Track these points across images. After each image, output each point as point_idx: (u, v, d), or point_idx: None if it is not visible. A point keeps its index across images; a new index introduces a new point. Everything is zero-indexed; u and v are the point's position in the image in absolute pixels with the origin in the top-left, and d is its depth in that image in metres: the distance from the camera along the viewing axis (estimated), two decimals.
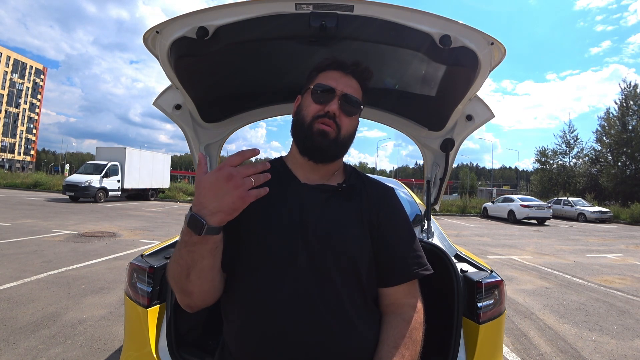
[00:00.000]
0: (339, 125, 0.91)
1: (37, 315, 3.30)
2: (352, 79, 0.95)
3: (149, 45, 1.22)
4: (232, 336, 0.88)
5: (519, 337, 3.39)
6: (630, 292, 5.22)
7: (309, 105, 0.93)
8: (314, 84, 0.94)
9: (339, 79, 0.93)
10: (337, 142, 0.92)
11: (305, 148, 0.93)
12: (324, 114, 0.90)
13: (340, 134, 0.92)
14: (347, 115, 0.92)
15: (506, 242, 10.32)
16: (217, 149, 2.12)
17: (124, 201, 18.75)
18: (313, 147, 0.92)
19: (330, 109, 0.90)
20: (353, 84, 0.95)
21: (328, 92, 0.91)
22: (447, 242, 2.13)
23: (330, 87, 0.92)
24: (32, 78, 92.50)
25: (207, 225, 0.71)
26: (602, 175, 29.79)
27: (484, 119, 1.70)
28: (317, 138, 0.90)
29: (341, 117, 0.92)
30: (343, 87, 0.92)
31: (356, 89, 0.95)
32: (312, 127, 0.91)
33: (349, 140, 0.95)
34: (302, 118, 0.94)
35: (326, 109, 0.90)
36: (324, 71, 0.95)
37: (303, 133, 0.93)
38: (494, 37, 1.10)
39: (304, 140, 0.93)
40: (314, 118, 0.91)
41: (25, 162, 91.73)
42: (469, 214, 21.79)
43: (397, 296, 0.92)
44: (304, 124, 0.93)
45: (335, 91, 0.91)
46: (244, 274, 0.87)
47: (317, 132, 0.90)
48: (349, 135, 0.95)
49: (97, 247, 6.63)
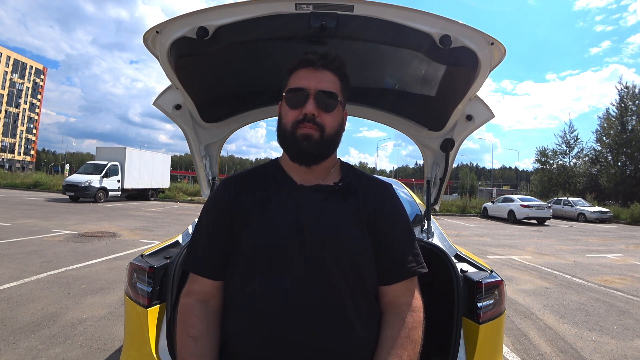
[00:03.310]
0: (321, 124, 0.89)
1: (37, 315, 3.30)
2: (325, 71, 0.91)
3: (149, 45, 1.22)
4: (232, 338, 0.87)
5: (519, 337, 3.38)
6: (630, 292, 5.22)
7: (286, 112, 0.92)
8: (286, 90, 0.92)
9: (310, 76, 0.90)
10: (324, 142, 0.90)
11: (293, 155, 0.92)
12: (303, 117, 0.88)
13: (324, 133, 0.90)
14: (327, 112, 0.90)
15: (506, 242, 10.31)
16: (217, 149, 2.12)
17: (124, 201, 18.74)
18: (300, 153, 0.90)
19: (307, 111, 0.88)
20: (327, 77, 0.91)
21: (301, 93, 0.89)
22: (447, 242, 2.13)
23: (302, 87, 0.89)
24: (32, 78, 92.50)
25: None
26: (602, 175, 29.80)
27: (484, 119, 1.70)
28: (303, 143, 0.89)
29: (322, 115, 0.89)
30: (316, 83, 0.89)
31: (331, 81, 0.92)
32: (295, 134, 0.89)
33: (336, 136, 0.94)
34: (283, 126, 0.92)
35: (303, 112, 0.88)
36: (295, 71, 0.93)
37: (287, 141, 0.92)
38: (494, 37, 1.10)
39: (289, 147, 0.92)
40: (294, 124, 0.89)
41: (25, 162, 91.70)
42: (469, 214, 21.78)
43: (396, 294, 0.91)
44: (286, 132, 0.91)
45: (307, 91, 0.88)
46: (242, 277, 0.87)
47: (300, 137, 0.89)
48: (335, 131, 0.93)
49: (97, 247, 6.63)
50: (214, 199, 0.99)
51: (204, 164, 2.09)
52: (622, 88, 30.15)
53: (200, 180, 2.22)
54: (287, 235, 0.86)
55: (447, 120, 1.72)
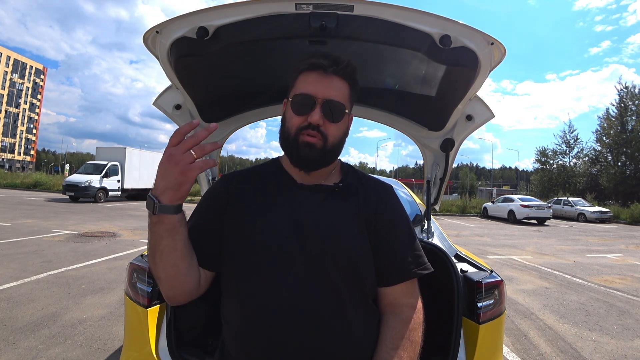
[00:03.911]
0: (325, 134, 0.87)
1: (37, 315, 3.30)
2: (334, 78, 0.88)
3: (149, 45, 1.22)
4: (232, 338, 0.87)
5: (519, 337, 3.39)
6: (630, 292, 5.22)
7: (291, 117, 0.90)
8: (293, 95, 0.89)
9: (320, 81, 0.87)
10: (325, 151, 0.89)
11: (294, 161, 0.92)
12: (307, 125, 0.86)
13: (327, 143, 0.88)
14: (332, 122, 0.88)
15: (506, 242, 10.31)
16: (217, 149, 2.12)
17: (124, 201, 18.74)
18: (301, 160, 0.89)
19: (313, 120, 0.86)
20: (336, 84, 0.88)
21: (308, 100, 0.86)
22: (447, 242, 2.13)
23: (310, 94, 0.86)
24: (32, 78, 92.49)
25: (159, 203, 0.76)
26: (602, 175, 29.80)
27: (484, 119, 1.70)
28: (304, 150, 0.87)
29: (326, 125, 0.87)
30: (324, 91, 0.86)
31: (340, 88, 0.89)
32: (298, 140, 0.88)
33: (338, 146, 0.93)
34: (286, 131, 0.91)
35: (308, 120, 0.86)
36: (304, 72, 0.90)
37: (289, 146, 0.90)
38: (494, 37, 1.10)
39: (291, 153, 0.91)
40: (298, 130, 0.88)
41: (25, 162, 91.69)
42: (469, 214, 21.77)
43: (396, 295, 0.91)
44: (289, 137, 0.90)
45: (315, 99, 0.86)
46: (241, 276, 0.86)
47: (302, 144, 0.87)
48: (338, 141, 0.92)
49: (97, 247, 6.63)
50: (212, 192, 0.99)
51: None
52: (621, 88, 30.26)
53: (200, 180, 2.22)
54: (286, 235, 0.86)
55: (447, 120, 1.72)
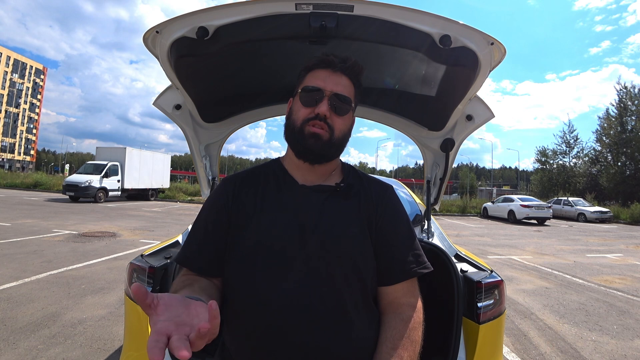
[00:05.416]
0: (332, 126, 0.90)
1: (37, 315, 3.30)
2: (341, 75, 0.92)
3: (149, 45, 1.22)
4: (232, 337, 0.88)
5: (519, 337, 3.39)
6: (630, 292, 5.22)
7: (298, 109, 0.92)
8: (301, 87, 0.92)
9: (327, 77, 0.91)
10: (331, 144, 0.90)
11: (299, 152, 0.92)
12: (314, 116, 0.89)
13: (333, 135, 0.90)
14: (338, 115, 0.91)
15: (506, 242, 10.31)
16: (217, 149, 2.13)
17: (124, 201, 18.74)
18: (307, 151, 0.90)
19: (320, 111, 0.88)
20: (343, 81, 0.92)
21: (316, 93, 0.89)
22: (447, 242, 2.13)
23: (318, 87, 0.89)
24: (32, 78, 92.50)
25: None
26: (602, 175, 29.79)
27: (484, 119, 1.70)
28: (310, 141, 0.89)
29: (333, 118, 0.90)
30: (332, 86, 0.90)
31: (346, 85, 0.92)
32: (304, 131, 0.89)
33: (344, 139, 0.94)
34: (292, 122, 0.92)
35: (316, 111, 0.88)
36: (312, 70, 0.93)
37: (295, 137, 0.91)
38: (494, 37, 1.10)
39: (296, 144, 0.92)
40: (305, 121, 0.90)
41: (25, 162, 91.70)
42: (469, 214, 21.77)
43: (396, 295, 0.91)
44: (294, 128, 0.91)
45: (323, 91, 0.89)
46: (242, 277, 0.87)
47: (308, 135, 0.89)
48: (344, 135, 0.94)
49: (97, 247, 6.63)
50: (214, 197, 0.99)
51: (204, 164, 2.10)
52: (620, 88, 30.23)
53: (200, 180, 2.22)
54: (288, 235, 0.86)
55: (447, 120, 1.72)
